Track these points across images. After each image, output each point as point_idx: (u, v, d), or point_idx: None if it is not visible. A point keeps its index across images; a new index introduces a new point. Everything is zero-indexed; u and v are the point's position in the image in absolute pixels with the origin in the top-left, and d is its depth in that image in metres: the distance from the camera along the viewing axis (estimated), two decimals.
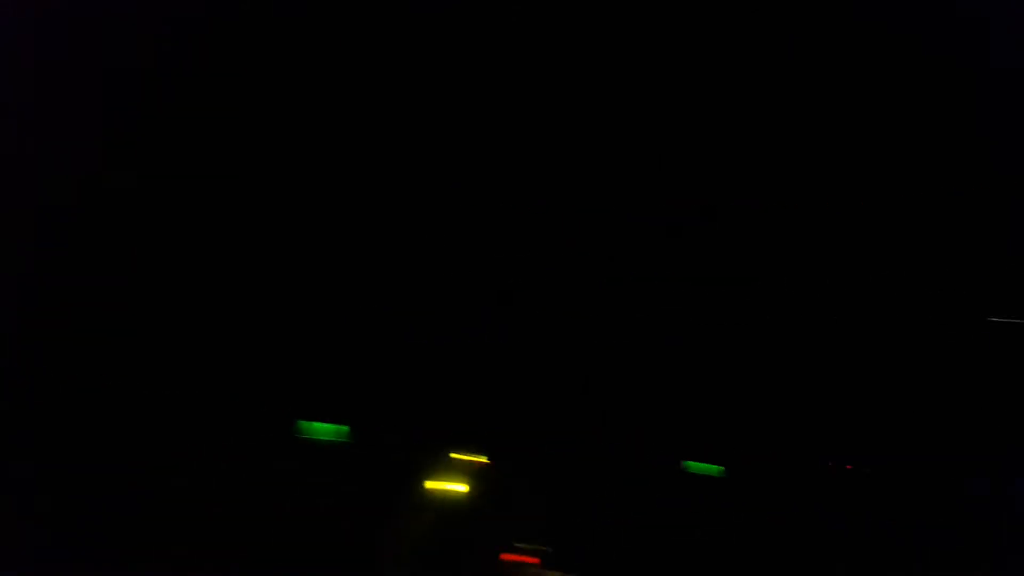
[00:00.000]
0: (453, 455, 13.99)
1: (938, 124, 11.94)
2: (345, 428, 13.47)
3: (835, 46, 11.60)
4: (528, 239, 13.58)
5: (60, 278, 11.43)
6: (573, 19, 11.53)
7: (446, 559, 13.23)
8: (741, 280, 14.00)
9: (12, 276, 10.92)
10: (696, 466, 14.88)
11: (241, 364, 12.65)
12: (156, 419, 12.00)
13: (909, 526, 14.23)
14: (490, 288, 13.58)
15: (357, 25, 11.50)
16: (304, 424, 13.33)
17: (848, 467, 14.68)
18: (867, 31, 11.40)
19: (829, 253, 13.48)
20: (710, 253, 13.97)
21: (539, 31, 11.58)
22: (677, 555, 14.30)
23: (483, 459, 14.15)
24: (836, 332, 13.62)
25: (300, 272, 12.76)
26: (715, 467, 15.02)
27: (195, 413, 12.33)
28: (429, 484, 13.70)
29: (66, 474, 11.21)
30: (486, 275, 13.52)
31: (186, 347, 12.29)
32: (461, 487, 13.83)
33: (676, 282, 14.08)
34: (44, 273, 11.31)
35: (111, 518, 11.39)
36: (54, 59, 10.89)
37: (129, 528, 11.47)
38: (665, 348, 14.40)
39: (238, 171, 12.17)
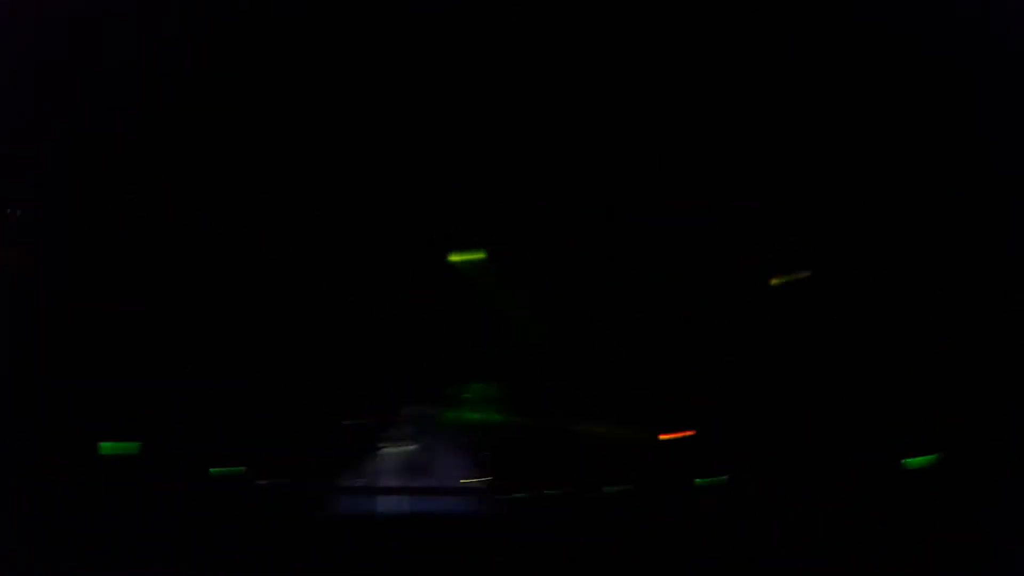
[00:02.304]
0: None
1: (938, 124, 11.95)
2: None
3: (835, 46, 11.62)
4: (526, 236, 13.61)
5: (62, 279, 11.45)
6: (573, 19, 11.55)
7: None
8: (741, 280, 14.01)
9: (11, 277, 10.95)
10: None
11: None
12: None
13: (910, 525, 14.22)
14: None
15: (357, 25, 11.52)
16: None
17: None
18: (867, 31, 11.42)
19: (829, 253, 13.50)
20: (710, 253, 13.99)
21: (539, 31, 11.60)
22: None
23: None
24: (835, 332, 13.64)
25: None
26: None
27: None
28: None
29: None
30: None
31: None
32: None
33: (676, 282, 14.09)
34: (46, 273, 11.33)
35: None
36: (54, 59, 10.90)
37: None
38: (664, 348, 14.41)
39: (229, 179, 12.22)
